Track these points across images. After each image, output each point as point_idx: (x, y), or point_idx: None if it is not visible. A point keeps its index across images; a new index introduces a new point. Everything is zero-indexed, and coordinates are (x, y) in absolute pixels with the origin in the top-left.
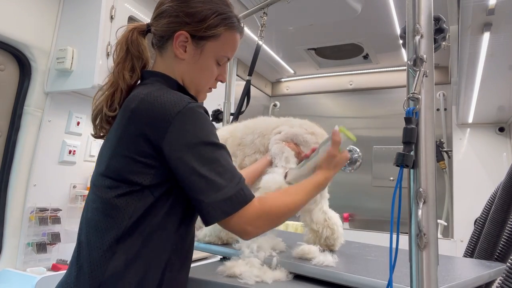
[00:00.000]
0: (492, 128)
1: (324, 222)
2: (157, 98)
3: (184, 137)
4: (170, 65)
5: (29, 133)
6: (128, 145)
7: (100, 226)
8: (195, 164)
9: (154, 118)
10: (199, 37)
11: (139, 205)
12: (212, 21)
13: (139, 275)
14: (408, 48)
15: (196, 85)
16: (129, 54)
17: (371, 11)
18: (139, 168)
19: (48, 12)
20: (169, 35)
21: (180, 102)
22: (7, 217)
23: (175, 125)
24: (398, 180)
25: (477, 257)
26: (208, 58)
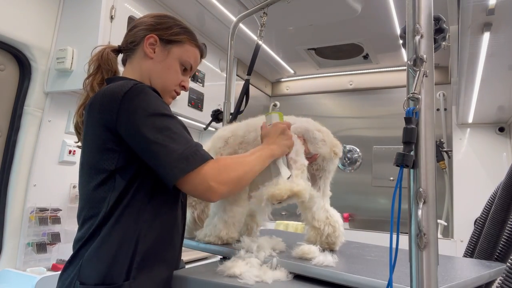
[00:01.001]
0: (492, 128)
1: (325, 219)
2: (107, 88)
3: (134, 113)
4: (138, 64)
5: (29, 133)
6: (92, 136)
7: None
8: (149, 134)
9: (105, 105)
10: (167, 41)
11: (114, 193)
12: (177, 30)
13: (113, 249)
14: (408, 48)
15: (162, 82)
16: (100, 68)
17: (371, 11)
18: (104, 154)
19: (48, 12)
20: (140, 39)
21: (127, 84)
22: (7, 217)
23: (124, 105)
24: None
25: (477, 257)
26: (173, 60)
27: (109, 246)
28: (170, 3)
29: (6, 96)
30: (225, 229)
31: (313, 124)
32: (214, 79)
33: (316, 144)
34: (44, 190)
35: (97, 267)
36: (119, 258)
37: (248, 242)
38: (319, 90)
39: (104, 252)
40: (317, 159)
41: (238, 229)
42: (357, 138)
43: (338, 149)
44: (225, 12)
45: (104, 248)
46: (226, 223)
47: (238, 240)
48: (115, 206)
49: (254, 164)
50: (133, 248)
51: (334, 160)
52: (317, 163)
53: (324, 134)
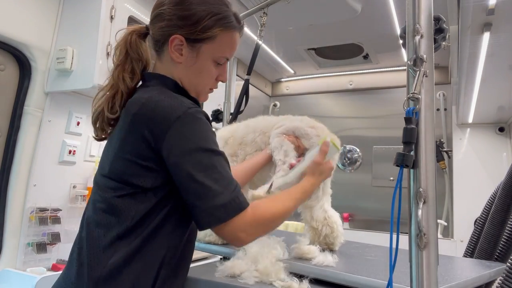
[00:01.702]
0: (492, 128)
1: (323, 220)
2: (158, 102)
3: (182, 143)
4: (168, 68)
5: (29, 133)
6: (130, 148)
7: (103, 224)
8: (192, 170)
9: (154, 123)
10: (194, 40)
11: (142, 207)
12: (207, 22)
13: (136, 271)
14: (408, 48)
15: (195, 87)
16: (128, 57)
17: (371, 11)
18: (141, 171)
19: (48, 12)
20: (164, 39)
21: (180, 107)
22: (7, 217)
23: (174, 130)
24: (398, 180)
25: (477, 257)
26: (205, 60)
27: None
28: None
29: (6, 96)
30: None
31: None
32: None
33: (311, 139)
34: (44, 190)
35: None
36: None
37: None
38: (319, 90)
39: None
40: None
41: None
42: (357, 138)
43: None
44: None
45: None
46: None
47: None
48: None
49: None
50: (155, 273)
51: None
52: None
53: (318, 130)
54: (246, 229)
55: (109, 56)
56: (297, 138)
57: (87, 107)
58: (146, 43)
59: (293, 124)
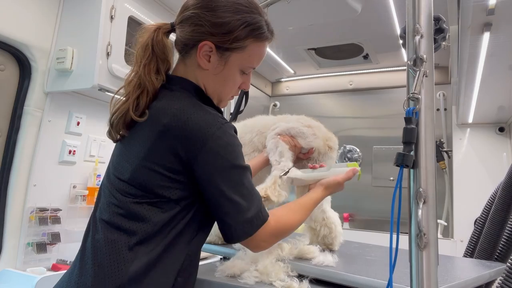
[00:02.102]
0: (492, 128)
1: (322, 221)
2: (191, 116)
3: (215, 160)
4: (193, 73)
5: (29, 133)
6: (158, 159)
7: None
8: (224, 187)
9: (187, 138)
10: (225, 49)
11: (165, 215)
12: (240, 32)
13: (157, 279)
14: (408, 48)
15: (218, 95)
16: (154, 55)
17: (371, 11)
18: (168, 183)
19: (48, 12)
20: (193, 43)
21: (214, 122)
22: (7, 217)
23: (208, 148)
24: (398, 180)
25: (477, 257)
26: (232, 69)
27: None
28: (171, 3)
29: (6, 96)
30: None
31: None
32: None
33: (307, 138)
34: (44, 190)
35: None
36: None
37: None
38: (319, 90)
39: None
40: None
41: None
42: (357, 138)
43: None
44: None
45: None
46: None
47: None
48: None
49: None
50: (173, 280)
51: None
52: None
53: (314, 129)
54: (267, 239)
55: (109, 56)
56: (293, 137)
57: (87, 107)
58: (171, 43)
59: (287, 125)
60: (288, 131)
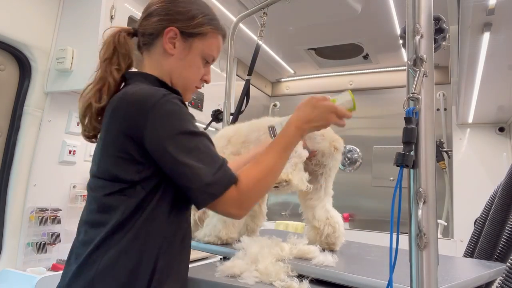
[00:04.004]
0: (492, 128)
1: (326, 220)
2: (133, 94)
3: (162, 129)
4: (158, 61)
5: (29, 133)
6: (113, 144)
7: (96, 223)
8: (177, 154)
9: (131, 115)
10: (188, 34)
11: (132, 201)
12: (200, 19)
13: (131, 264)
14: (408, 48)
15: (183, 80)
16: (116, 52)
17: (371, 11)
18: (127, 165)
19: (48, 12)
20: (158, 31)
21: (155, 94)
22: (7, 217)
23: (152, 118)
24: (398, 180)
25: (477, 257)
26: (195, 55)
27: (127, 261)
28: None
29: (6, 96)
30: (225, 229)
31: None
32: (214, 79)
33: (314, 139)
34: (44, 190)
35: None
36: (138, 275)
37: (248, 242)
38: (319, 90)
39: (121, 267)
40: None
41: (237, 229)
42: (357, 138)
43: (338, 144)
44: (225, 12)
45: (121, 263)
46: (225, 223)
47: (238, 240)
48: (133, 215)
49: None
50: (153, 265)
51: (335, 155)
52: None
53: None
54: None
55: None
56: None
57: None
58: (132, 43)
59: None
60: None
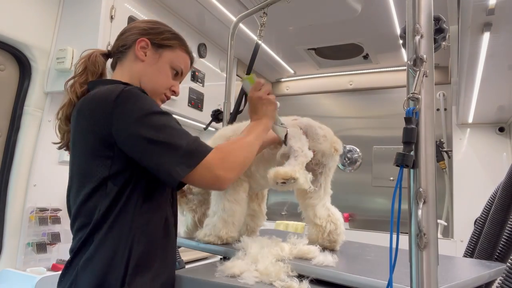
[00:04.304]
0: (492, 128)
1: (327, 217)
2: (95, 94)
3: (129, 116)
4: (129, 67)
5: (29, 133)
6: (82, 144)
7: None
8: (149, 134)
9: (96, 111)
10: (158, 45)
11: (106, 199)
12: (168, 35)
13: (107, 255)
14: (408, 48)
15: (153, 84)
16: (85, 70)
17: (371, 11)
18: (96, 161)
19: (48, 12)
20: (131, 42)
21: (116, 88)
22: (7, 217)
23: (117, 109)
24: (398, 180)
25: (477, 257)
26: (165, 63)
27: (103, 253)
28: (170, 3)
29: (6, 96)
30: (225, 228)
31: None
32: (214, 79)
33: (318, 140)
34: (44, 190)
35: (92, 275)
36: (114, 265)
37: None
38: (319, 90)
39: (98, 260)
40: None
41: (237, 228)
42: (357, 138)
43: (338, 146)
44: (225, 12)
45: (98, 256)
46: (225, 222)
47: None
48: (107, 213)
49: (254, 144)
50: (127, 254)
51: (334, 156)
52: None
53: (325, 131)
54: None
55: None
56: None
57: None
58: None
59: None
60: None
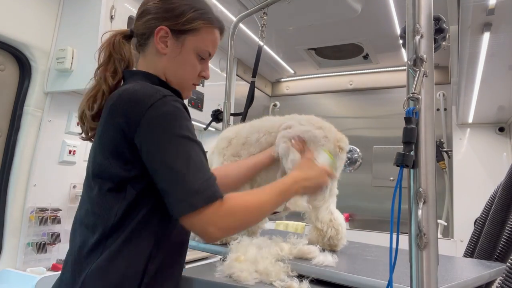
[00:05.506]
0: (492, 128)
1: (329, 222)
2: (133, 92)
3: (156, 129)
4: (152, 61)
5: (29, 133)
6: (108, 141)
7: (90, 226)
8: (165, 156)
9: (128, 112)
10: (179, 31)
11: (123, 203)
12: (190, 15)
13: (121, 268)
14: (408, 48)
15: (178, 79)
16: (111, 57)
17: (371, 11)
18: (119, 160)
19: (48, 12)
20: (150, 31)
21: (155, 94)
22: (7, 217)
23: (148, 117)
24: (398, 180)
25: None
26: (189, 52)
27: (118, 263)
28: None
29: (6, 96)
30: None
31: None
32: (214, 79)
33: (319, 142)
34: (44, 190)
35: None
36: (128, 278)
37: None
38: (319, 90)
39: (112, 269)
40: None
41: None
42: (357, 138)
43: (343, 143)
44: (225, 12)
45: (112, 265)
46: None
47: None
48: (125, 218)
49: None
50: (143, 267)
51: (341, 155)
52: None
53: (325, 131)
54: (216, 222)
55: None
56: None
57: None
58: (129, 45)
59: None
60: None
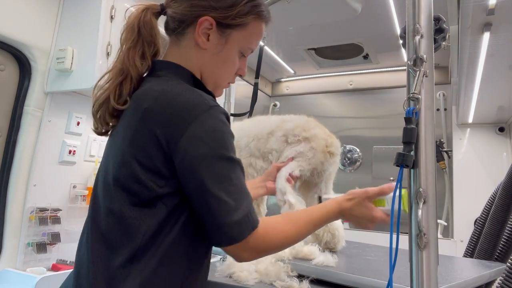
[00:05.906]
0: (492, 128)
1: (325, 227)
2: (175, 97)
3: (198, 147)
4: (188, 54)
5: (29, 133)
6: (139, 150)
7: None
8: (207, 180)
9: (169, 121)
10: (226, 25)
11: (153, 220)
12: (242, 8)
13: None
14: (408, 48)
15: (215, 78)
16: (140, 37)
17: (371, 11)
18: (149, 176)
19: (48, 12)
20: (191, 20)
21: (201, 104)
22: (7, 217)
23: (190, 133)
24: (398, 180)
25: (477, 257)
26: (232, 49)
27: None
28: None
29: (6, 96)
30: None
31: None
32: None
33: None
34: (44, 190)
35: None
36: None
37: None
38: (319, 90)
39: None
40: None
41: None
42: (357, 138)
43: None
44: None
45: None
46: None
47: None
48: (155, 239)
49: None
50: None
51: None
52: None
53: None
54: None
55: (109, 56)
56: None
57: (87, 107)
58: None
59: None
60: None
